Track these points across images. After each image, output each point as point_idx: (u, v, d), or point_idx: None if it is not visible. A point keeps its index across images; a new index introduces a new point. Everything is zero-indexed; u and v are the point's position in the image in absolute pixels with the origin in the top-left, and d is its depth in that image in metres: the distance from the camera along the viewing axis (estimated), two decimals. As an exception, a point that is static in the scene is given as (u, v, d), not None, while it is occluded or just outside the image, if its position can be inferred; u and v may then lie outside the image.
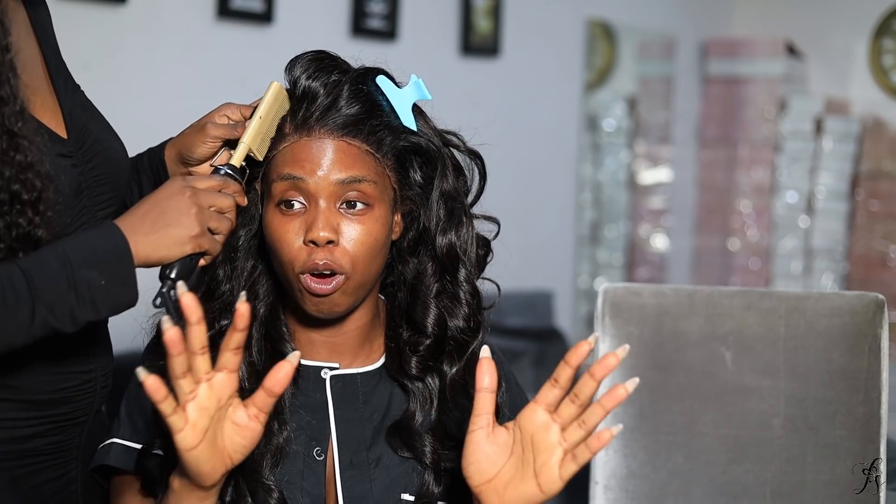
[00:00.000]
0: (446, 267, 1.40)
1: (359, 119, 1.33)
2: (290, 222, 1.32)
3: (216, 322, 1.37)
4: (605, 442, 1.16)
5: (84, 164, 1.41)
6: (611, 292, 1.64)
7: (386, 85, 1.37)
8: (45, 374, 1.39)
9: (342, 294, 1.32)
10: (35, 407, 1.39)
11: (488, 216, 1.46)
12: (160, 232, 1.27)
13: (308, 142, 1.32)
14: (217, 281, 1.38)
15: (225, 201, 1.32)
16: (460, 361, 1.40)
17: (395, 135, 1.35)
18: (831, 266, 5.13)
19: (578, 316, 4.83)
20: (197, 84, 3.24)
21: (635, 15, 4.97)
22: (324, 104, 1.32)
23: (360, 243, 1.31)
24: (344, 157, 1.31)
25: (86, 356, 1.44)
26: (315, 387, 1.38)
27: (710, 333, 1.64)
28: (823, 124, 5.12)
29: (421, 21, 3.97)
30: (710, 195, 5.35)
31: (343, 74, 1.35)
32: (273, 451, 1.33)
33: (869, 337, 1.64)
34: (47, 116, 1.39)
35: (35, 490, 1.42)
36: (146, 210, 1.28)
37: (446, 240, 1.39)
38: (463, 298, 1.40)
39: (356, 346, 1.40)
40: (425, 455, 1.36)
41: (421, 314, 1.39)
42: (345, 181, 1.31)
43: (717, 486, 1.62)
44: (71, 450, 1.45)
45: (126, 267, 1.25)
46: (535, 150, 4.51)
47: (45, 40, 1.45)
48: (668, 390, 1.63)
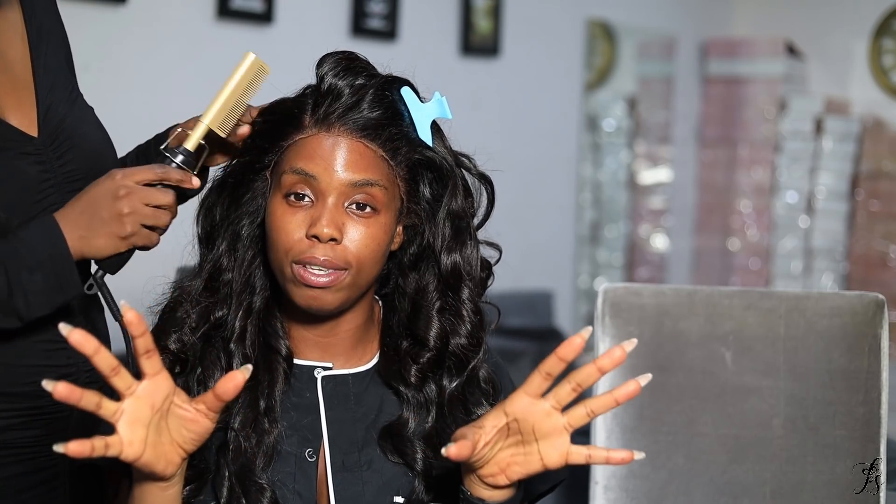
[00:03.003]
0: (450, 285, 1.40)
1: (379, 124, 1.32)
2: (295, 213, 1.31)
3: (212, 313, 1.37)
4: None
5: (53, 161, 1.43)
6: (611, 292, 1.64)
7: (410, 97, 1.37)
8: (14, 366, 1.40)
9: (337, 290, 1.31)
10: (5, 399, 1.40)
11: (491, 242, 1.46)
12: (94, 231, 1.32)
13: (325, 137, 1.32)
14: (220, 269, 1.38)
15: (162, 198, 1.34)
16: (460, 377, 1.40)
17: (411, 146, 1.35)
18: (831, 266, 5.13)
19: (578, 316, 4.83)
20: (197, 84, 3.24)
21: (635, 15, 4.97)
22: (347, 103, 1.32)
23: (364, 245, 1.31)
24: (359, 158, 1.31)
25: (62, 350, 1.44)
26: (307, 386, 1.38)
27: (710, 333, 1.64)
28: (823, 124, 5.12)
29: (421, 21, 3.97)
30: (710, 195, 5.35)
31: (370, 78, 1.35)
32: (265, 451, 1.32)
33: (869, 337, 1.64)
34: (20, 115, 1.42)
35: (6, 482, 1.42)
36: (82, 208, 1.33)
37: (451, 259, 1.39)
38: (466, 316, 1.40)
39: (349, 348, 1.40)
40: (416, 462, 1.36)
41: (423, 328, 1.39)
42: (357, 183, 1.30)
43: (717, 486, 1.62)
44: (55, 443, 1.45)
45: (66, 270, 1.32)
46: (535, 150, 4.51)
47: (40, 42, 1.47)
48: (668, 390, 1.63)
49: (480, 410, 1.39)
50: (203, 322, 1.36)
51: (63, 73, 1.51)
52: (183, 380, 1.35)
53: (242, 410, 1.33)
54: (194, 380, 1.36)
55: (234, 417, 1.33)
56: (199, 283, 1.37)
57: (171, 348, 1.35)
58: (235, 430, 1.32)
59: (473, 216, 1.43)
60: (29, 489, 1.44)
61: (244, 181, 1.38)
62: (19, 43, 1.46)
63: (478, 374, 1.41)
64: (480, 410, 1.39)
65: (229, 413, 1.34)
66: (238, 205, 1.38)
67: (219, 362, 1.36)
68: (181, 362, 1.35)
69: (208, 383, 1.35)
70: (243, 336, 1.36)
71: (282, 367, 1.36)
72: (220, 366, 1.36)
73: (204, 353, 1.36)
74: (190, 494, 1.31)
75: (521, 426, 1.21)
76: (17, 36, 1.46)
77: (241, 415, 1.33)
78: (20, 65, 1.46)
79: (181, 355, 1.35)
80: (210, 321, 1.36)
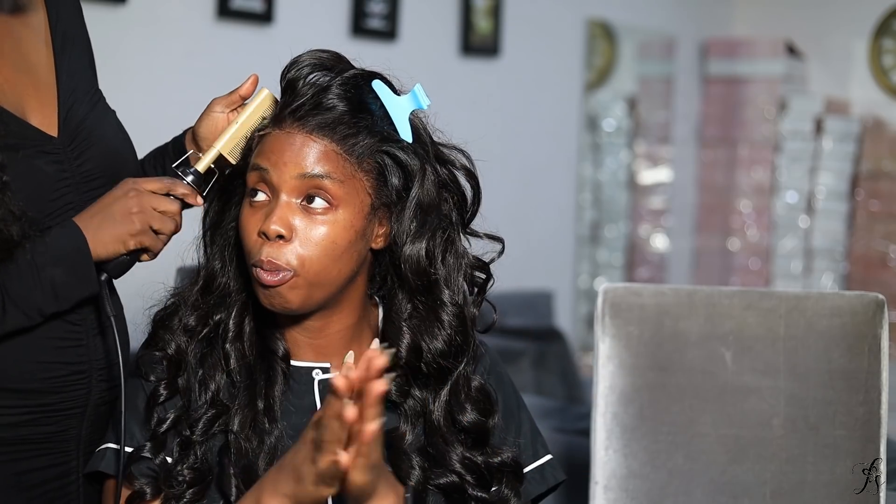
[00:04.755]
0: (418, 285, 1.35)
1: (335, 119, 1.31)
2: (255, 214, 1.32)
3: (210, 317, 1.37)
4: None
5: (71, 160, 1.46)
6: (611, 292, 1.64)
7: (382, 90, 1.36)
8: (27, 363, 1.42)
9: (291, 289, 1.30)
10: (17, 395, 1.41)
11: (492, 235, 1.42)
12: (105, 229, 1.38)
13: (279, 134, 1.32)
14: (214, 274, 1.38)
15: (169, 205, 1.40)
16: (443, 386, 1.37)
17: (374, 141, 1.33)
18: (831, 266, 5.13)
19: (578, 316, 4.83)
20: (197, 84, 3.23)
21: (635, 15, 4.96)
22: (302, 100, 1.32)
23: (315, 244, 1.30)
24: (309, 152, 1.30)
25: (75, 347, 1.45)
26: (305, 388, 1.38)
27: (710, 333, 1.64)
28: (823, 124, 5.12)
29: (421, 21, 3.97)
30: (710, 195, 5.35)
31: (337, 74, 1.35)
32: (267, 452, 1.32)
33: (869, 337, 1.65)
34: (41, 116, 1.46)
35: (18, 477, 1.43)
36: (97, 210, 1.40)
37: (414, 250, 1.34)
38: (445, 320, 1.36)
39: (342, 348, 1.39)
40: (410, 477, 1.33)
41: (394, 337, 1.37)
42: (306, 175, 1.30)
43: (717, 486, 1.62)
44: (69, 441, 1.47)
45: (85, 265, 1.39)
46: (535, 150, 4.51)
47: (64, 46, 1.52)
48: (668, 390, 1.63)
49: (464, 417, 1.37)
50: (202, 326, 1.37)
51: (86, 77, 1.54)
52: (184, 381, 1.36)
53: (240, 411, 1.33)
54: (196, 382, 1.36)
55: (233, 419, 1.33)
56: (196, 289, 1.39)
57: (169, 353, 1.36)
58: (235, 433, 1.32)
59: (466, 213, 1.40)
60: (40, 485, 1.45)
61: (230, 185, 1.41)
62: (43, 47, 1.50)
63: (469, 383, 1.39)
64: (464, 417, 1.37)
65: (229, 416, 1.34)
66: (225, 209, 1.40)
67: (220, 364, 1.36)
68: (177, 366, 1.36)
69: (209, 385, 1.35)
70: (239, 336, 1.37)
71: (280, 368, 1.36)
72: (220, 367, 1.36)
73: (205, 356, 1.37)
74: (193, 497, 1.31)
75: None
76: (41, 40, 1.50)
77: (240, 415, 1.33)
78: (44, 68, 1.49)
79: (177, 356, 1.36)
80: (209, 324, 1.37)
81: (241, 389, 1.34)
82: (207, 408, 1.34)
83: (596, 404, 1.63)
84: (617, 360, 1.63)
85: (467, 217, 1.42)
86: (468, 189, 1.41)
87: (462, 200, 1.41)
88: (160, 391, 1.35)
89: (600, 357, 1.63)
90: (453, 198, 1.40)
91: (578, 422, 2.47)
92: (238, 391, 1.34)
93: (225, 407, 1.34)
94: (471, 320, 1.39)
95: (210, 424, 1.34)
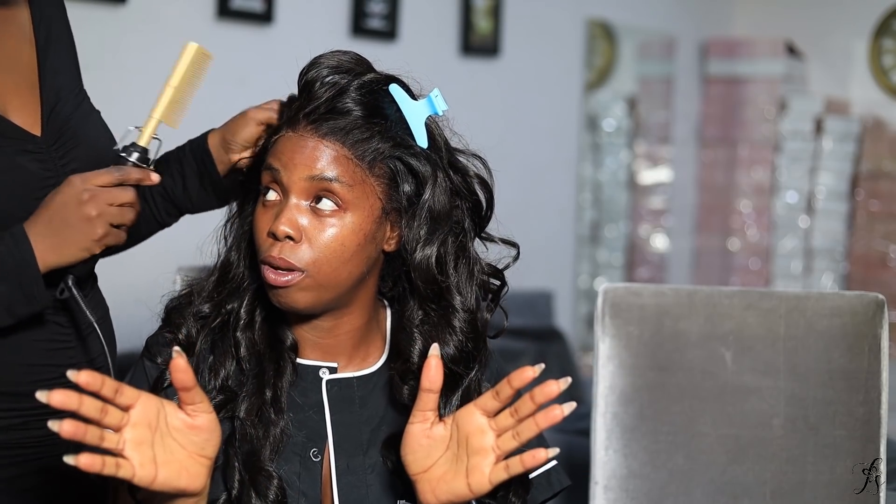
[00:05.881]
0: (422, 290, 1.36)
1: (348, 124, 1.31)
2: (266, 212, 1.33)
3: (223, 306, 1.38)
4: (539, 460, 1.19)
5: (56, 160, 1.45)
6: (611, 292, 1.64)
7: (399, 95, 1.35)
8: (17, 366, 1.41)
9: (299, 290, 1.30)
10: (8, 399, 1.41)
11: (507, 239, 1.42)
12: (64, 239, 1.34)
13: (292, 136, 1.33)
14: (230, 265, 1.39)
15: (125, 196, 1.38)
16: (455, 391, 1.37)
17: (387, 146, 1.33)
18: (831, 266, 5.13)
19: (578, 316, 4.83)
20: (197, 84, 3.24)
21: (635, 15, 4.97)
22: (316, 103, 1.32)
23: (324, 245, 1.30)
24: (320, 155, 1.31)
25: (65, 350, 1.45)
26: (313, 386, 1.38)
27: (710, 333, 1.64)
28: (823, 124, 5.12)
29: (421, 21, 3.97)
30: (710, 195, 5.35)
31: (354, 77, 1.34)
32: (272, 442, 1.33)
33: (869, 337, 1.64)
34: (24, 115, 1.44)
35: (8, 483, 1.43)
36: (49, 217, 1.35)
37: (423, 256, 1.35)
38: (457, 326, 1.37)
39: (350, 349, 1.39)
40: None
41: (406, 343, 1.37)
42: (315, 178, 1.30)
43: (717, 486, 1.62)
44: (60, 445, 1.46)
45: (31, 281, 1.33)
46: (535, 150, 4.51)
47: (48, 45, 1.50)
48: (668, 390, 1.63)
49: None
50: (215, 314, 1.38)
51: (70, 76, 1.53)
52: (194, 365, 1.35)
53: (248, 398, 1.34)
54: (206, 368, 1.37)
55: (240, 405, 1.33)
56: (213, 279, 1.40)
57: (179, 337, 1.37)
58: (241, 419, 1.33)
59: (479, 219, 1.40)
60: (33, 488, 1.44)
61: (250, 181, 1.41)
62: (27, 46, 1.48)
63: (480, 388, 1.38)
64: None
65: (236, 403, 1.34)
66: (244, 203, 1.41)
67: (230, 351, 1.37)
68: (186, 351, 1.36)
69: (219, 371, 1.36)
70: (251, 325, 1.38)
71: (289, 359, 1.37)
72: (231, 354, 1.37)
73: (216, 343, 1.37)
74: None
75: (458, 436, 1.22)
76: (25, 39, 1.48)
77: (247, 402, 1.34)
78: (27, 67, 1.48)
79: (187, 342, 1.37)
80: (222, 313, 1.38)
81: (249, 377, 1.35)
82: (216, 394, 1.34)
83: (596, 404, 1.64)
84: (617, 360, 1.63)
85: (480, 223, 1.42)
86: (482, 195, 1.41)
87: (476, 207, 1.40)
88: (167, 375, 1.35)
89: (600, 357, 1.63)
90: (466, 204, 1.39)
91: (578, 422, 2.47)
92: (247, 379, 1.35)
93: (233, 393, 1.35)
94: (483, 327, 1.40)
95: (217, 410, 1.34)
